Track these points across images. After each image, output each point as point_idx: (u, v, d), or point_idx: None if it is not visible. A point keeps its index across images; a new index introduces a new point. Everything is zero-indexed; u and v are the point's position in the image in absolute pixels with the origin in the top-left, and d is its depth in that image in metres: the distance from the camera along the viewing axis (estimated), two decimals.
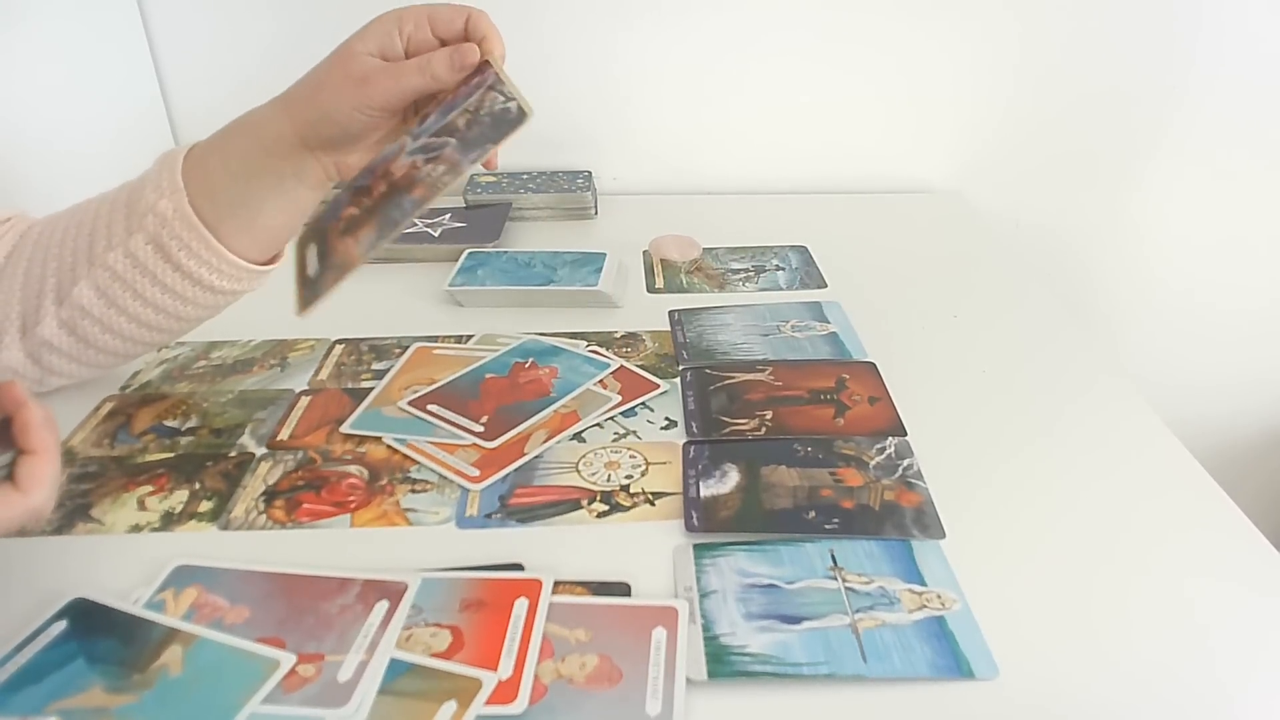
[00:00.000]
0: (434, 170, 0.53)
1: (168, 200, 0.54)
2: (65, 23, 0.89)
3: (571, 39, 1.03)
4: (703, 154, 1.10)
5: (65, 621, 0.46)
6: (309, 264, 0.56)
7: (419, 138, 0.55)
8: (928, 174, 1.12)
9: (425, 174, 0.53)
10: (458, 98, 0.54)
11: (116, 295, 0.56)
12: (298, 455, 0.60)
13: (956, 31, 1.03)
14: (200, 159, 0.56)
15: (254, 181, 0.55)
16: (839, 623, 0.47)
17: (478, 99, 0.54)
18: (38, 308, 0.57)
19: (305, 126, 0.54)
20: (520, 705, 0.42)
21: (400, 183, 0.54)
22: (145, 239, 0.55)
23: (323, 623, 0.46)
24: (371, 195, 0.55)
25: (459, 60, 0.53)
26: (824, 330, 0.75)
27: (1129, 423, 0.65)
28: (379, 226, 0.53)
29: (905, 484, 0.57)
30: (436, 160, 0.53)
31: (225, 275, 0.57)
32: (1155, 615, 0.48)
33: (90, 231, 0.56)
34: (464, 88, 0.54)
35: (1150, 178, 1.11)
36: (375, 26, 0.54)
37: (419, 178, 0.53)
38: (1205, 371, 1.25)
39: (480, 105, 0.53)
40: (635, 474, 0.58)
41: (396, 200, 0.53)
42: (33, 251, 0.58)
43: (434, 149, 0.54)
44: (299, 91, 0.55)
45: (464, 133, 0.53)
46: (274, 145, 0.55)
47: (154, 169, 0.56)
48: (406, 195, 0.53)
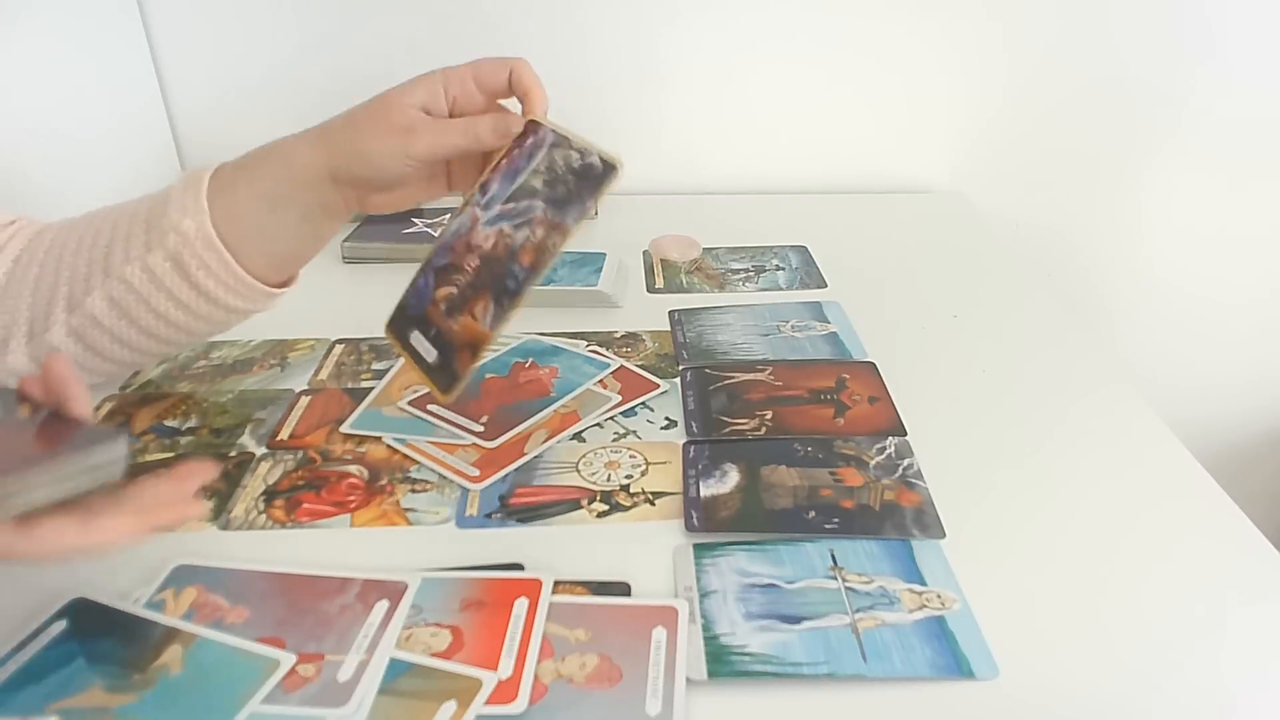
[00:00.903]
0: (534, 234, 0.54)
1: (191, 220, 0.54)
2: (65, 22, 0.88)
3: (571, 40, 1.03)
4: (703, 154, 1.10)
5: (65, 621, 0.46)
6: (424, 352, 0.57)
7: (489, 207, 0.56)
8: (928, 174, 1.12)
9: (524, 239, 0.54)
10: (516, 161, 0.56)
11: (130, 307, 0.56)
12: (298, 455, 0.60)
13: (956, 32, 1.03)
14: (228, 182, 0.55)
15: (280, 209, 0.55)
16: (839, 622, 0.47)
17: (546, 159, 0.55)
18: (47, 314, 0.57)
19: (339, 162, 0.54)
20: (520, 705, 0.42)
21: (496, 253, 0.55)
22: (165, 255, 0.54)
23: (323, 622, 0.46)
24: (464, 271, 0.56)
25: (503, 127, 0.55)
26: (824, 330, 0.75)
27: (1129, 422, 0.65)
28: (496, 298, 0.54)
29: (905, 484, 0.57)
30: (530, 225, 0.54)
31: (240, 296, 0.57)
32: (1156, 615, 0.48)
33: (108, 243, 0.56)
34: (518, 150, 0.56)
35: (1150, 176, 1.11)
36: (421, 82, 0.55)
37: (519, 244, 0.54)
38: (1205, 370, 1.24)
39: (554, 165, 0.55)
40: (635, 474, 0.58)
41: (505, 269, 0.54)
42: (45, 258, 0.58)
43: (519, 215, 0.55)
44: (337, 127, 0.55)
45: (548, 194, 0.54)
46: (303, 175, 0.55)
47: (179, 187, 0.56)
48: (514, 263, 0.54)
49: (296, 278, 0.61)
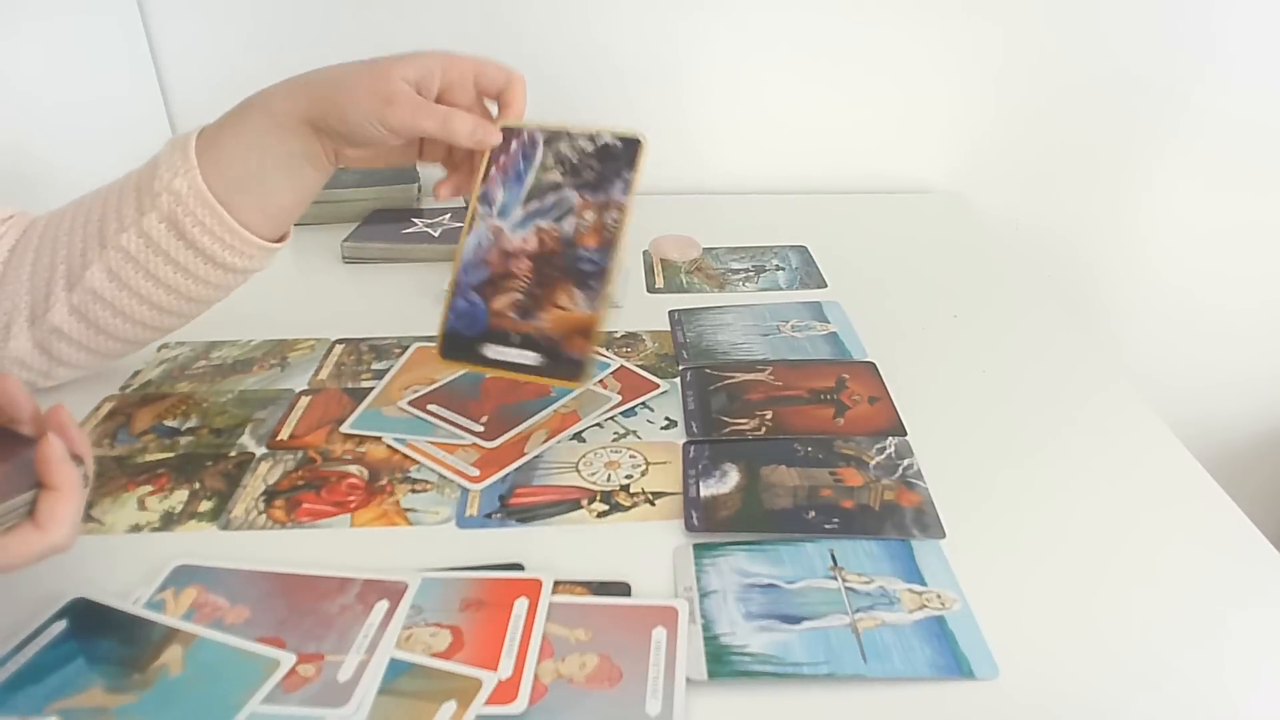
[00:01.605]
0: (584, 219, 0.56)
1: (182, 178, 0.55)
2: (65, 22, 0.89)
3: (571, 40, 1.03)
4: (703, 154, 1.10)
5: (65, 621, 0.46)
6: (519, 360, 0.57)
7: (506, 214, 0.57)
8: (927, 174, 1.12)
9: (575, 226, 0.57)
10: (510, 167, 0.58)
11: (129, 277, 0.57)
12: (298, 455, 0.60)
13: (955, 32, 1.03)
14: (212, 137, 0.56)
15: (266, 156, 0.56)
16: (839, 622, 0.47)
17: (548, 155, 0.57)
18: (47, 295, 0.57)
19: (316, 111, 0.55)
20: (520, 705, 0.42)
21: (546, 249, 0.57)
22: (159, 217, 0.55)
23: (323, 623, 0.46)
24: (516, 277, 0.57)
25: (480, 135, 0.56)
26: (824, 330, 0.75)
27: (1129, 422, 0.64)
28: (578, 284, 0.56)
29: (905, 484, 0.57)
30: (573, 213, 0.57)
31: (238, 252, 0.58)
32: (1156, 615, 0.48)
33: (100, 217, 0.57)
34: (505, 157, 0.58)
35: (1150, 175, 1.11)
36: (420, 60, 0.55)
37: (572, 232, 0.57)
38: (1205, 370, 1.24)
39: (563, 157, 0.57)
40: (635, 474, 0.58)
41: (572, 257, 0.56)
42: (39, 243, 0.58)
43: (552, 210, 0.57)
44: (319, 79, 0.56)
45: (576, 181, 0.57)
46: (284, 120, 0.56)
47: (165, 151, 0.57)
48: (578, 249, 0.56)
49: (290, 234, 0.62)
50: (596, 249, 0.56)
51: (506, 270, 0.57)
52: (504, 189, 0.58)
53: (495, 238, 0.58)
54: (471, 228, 0.58)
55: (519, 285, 0.57)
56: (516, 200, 0.58)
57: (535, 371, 0.56)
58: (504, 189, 0.58)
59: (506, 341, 0.57)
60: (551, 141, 0.57)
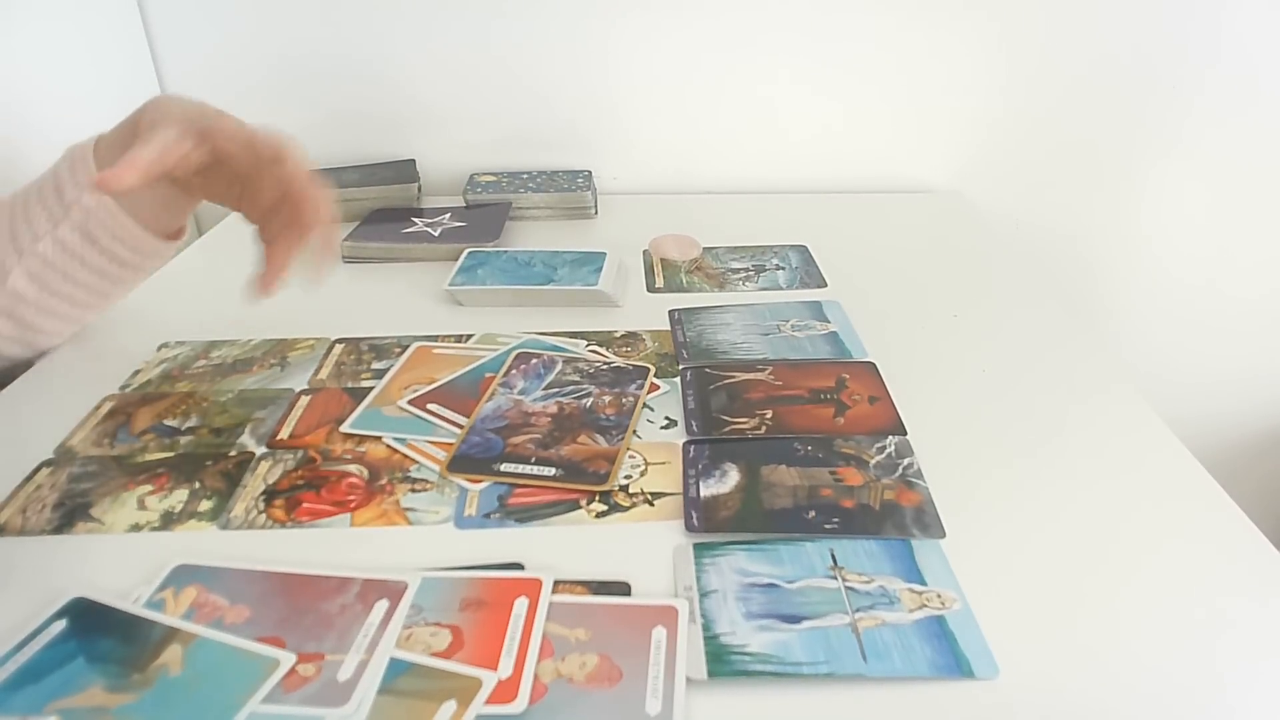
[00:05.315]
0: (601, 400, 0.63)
1: (90, 193, 0.60)
2: (65, 22, 0.89)
3: (572, 39, 1.03)
4: (703, 153, 1.10)
5: (65, 621, 0.46)
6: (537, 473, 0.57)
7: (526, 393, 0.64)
8: (928, 174, 1.12)
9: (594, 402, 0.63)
10: (529, 369, 0.66)
11: (49, 279, 0.63)
12: (297, 454, 0.60)
13: (956, 31, 1.03)
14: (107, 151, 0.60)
15: None
16: (839, 622, 0.47)
17: (565, 370, 0.67)
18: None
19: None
20: (520, 705, 0.42)
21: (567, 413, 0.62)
22: (71, 228, 0.60)
23: (323, 622, 0.46)
24: (535, 428, 0.61)
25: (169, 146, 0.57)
26: (824, 330, 0.75)
27: (1129, 421, 0.64)
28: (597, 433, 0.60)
29: (905, 483, 0.57)
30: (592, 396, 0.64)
31: (144, 254, 0.65)
32: (1156, 615, 0.48)
33: (10, 228, 0.61)
34: (525, 366, 0.67)
35: (1151, 175, 1.11)
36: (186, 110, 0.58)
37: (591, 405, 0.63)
38: (1204, 369, 1.25)
39: (580, 369, 0.67)
40: (635, 474, 0.58)
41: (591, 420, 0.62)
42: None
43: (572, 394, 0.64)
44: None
45: (595, 380, 0.66)
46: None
47: (65, 163, 0.61)
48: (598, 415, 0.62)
49: (186, 229, 0.68)
50: (614, 415, 0.62)
51: (525, 424, 0.61)
52: (525, 380, 0.65)
53: (513, 405, 0.63)
54: (491, 395, 0.62)
55: (537, 431, 0.60)
56: (535, 388, 0.65)
57: (556, 482, 0.57)
58: (525, 380, 0.65)
59: (521, 461, 0.58)
60: (569, 361, 0.66)
